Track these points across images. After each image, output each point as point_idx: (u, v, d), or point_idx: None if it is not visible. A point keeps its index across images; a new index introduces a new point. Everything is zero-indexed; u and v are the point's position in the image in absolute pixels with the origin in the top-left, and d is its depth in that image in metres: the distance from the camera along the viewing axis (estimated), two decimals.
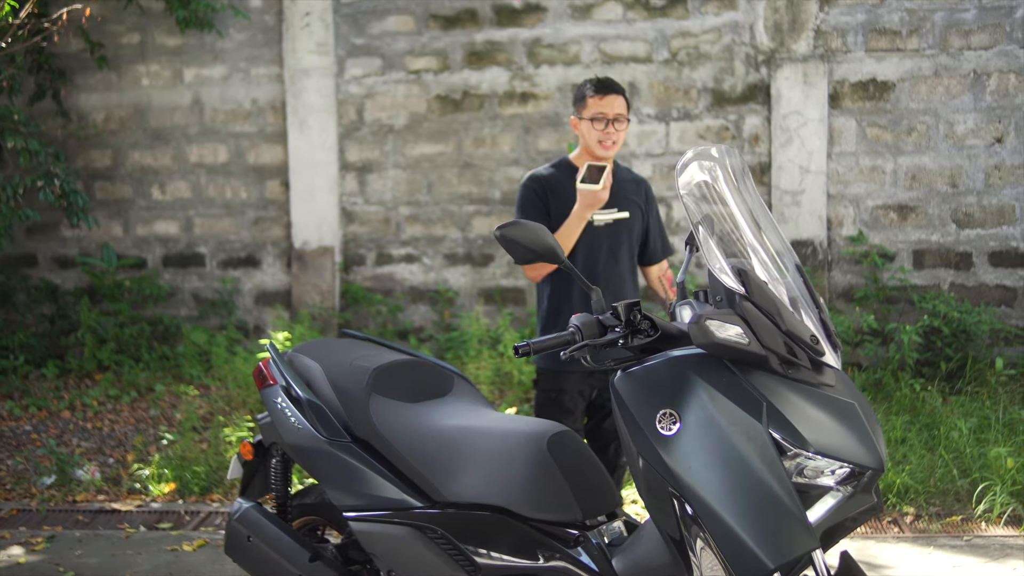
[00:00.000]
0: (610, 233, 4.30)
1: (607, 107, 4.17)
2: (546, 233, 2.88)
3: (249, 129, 8.68)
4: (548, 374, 4.32)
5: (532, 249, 2.87)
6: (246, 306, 8.81)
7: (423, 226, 8.49)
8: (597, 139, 4.18)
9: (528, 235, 2.87)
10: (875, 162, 7.79)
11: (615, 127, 4.18)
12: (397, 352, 3.76)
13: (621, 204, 4.28)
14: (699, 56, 7.99)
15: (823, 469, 2.49)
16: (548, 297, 4.35)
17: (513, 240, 2.86)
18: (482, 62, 8.29)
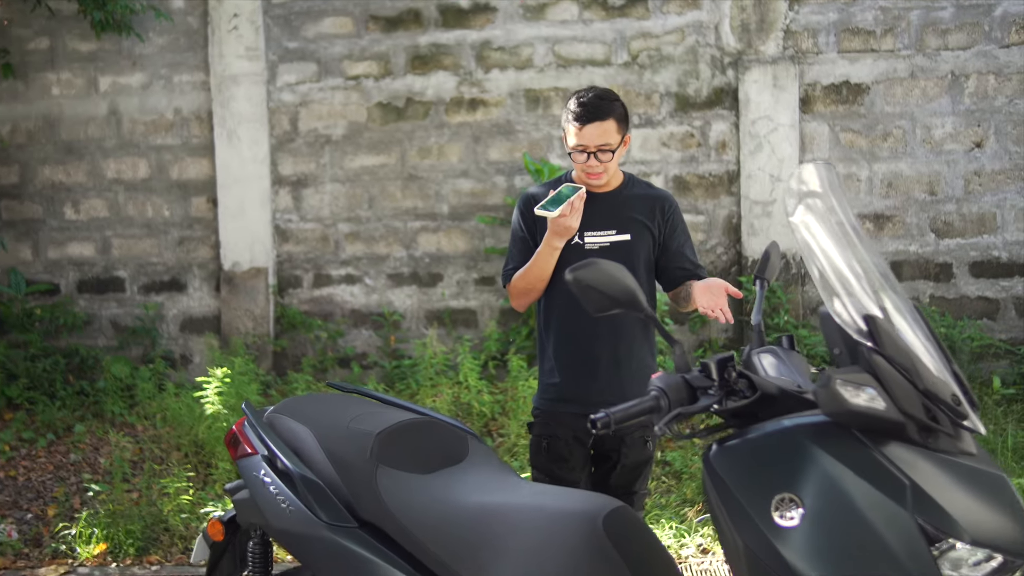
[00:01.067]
0: (607, 257, 3.83)
1: (587, 138, 3.73)
2: (626, 275, 2.49)
3: (172, 141, 8.25)
4: (541, 416, 3.95)
5: (611, 295, 2.47)
6: (171, 334, 8.34)
7: (364, 244, 8.11)
8: (582, 169, 3.80)
9: (605, 278, 2.47)
10: (849, 169, 7.60)
11: (599, 159, 3.75)
12: (397, 408, 3.34)
13: (622, 224, 3.86)
14: (661, 58, 7.72)
15: (966, 559, 2.11)
16: (545, 314, 3.97)
17: (588, 285, 2.47)
18: (427, 67, 7.95)
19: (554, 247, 3.70)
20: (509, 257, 3.95)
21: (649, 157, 7.72)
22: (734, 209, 7.68)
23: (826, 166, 2.60)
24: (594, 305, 2.49)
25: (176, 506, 5.83)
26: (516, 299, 3.93)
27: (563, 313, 3.85)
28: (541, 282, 3.81)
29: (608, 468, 3.94)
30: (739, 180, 7.65)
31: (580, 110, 3.74)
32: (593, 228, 3.80)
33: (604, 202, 3.84)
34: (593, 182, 3.78)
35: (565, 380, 3.88)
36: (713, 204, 7.69)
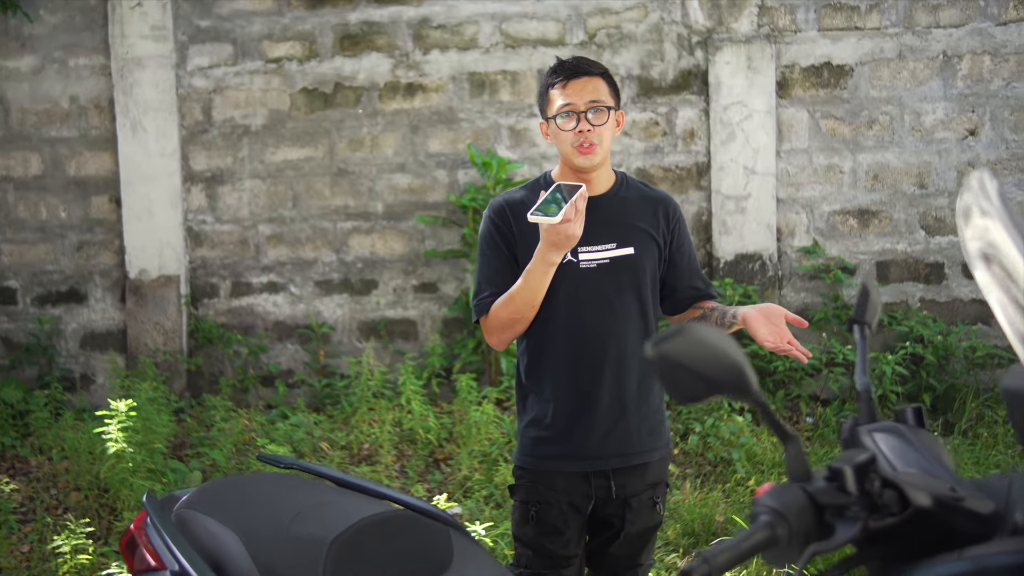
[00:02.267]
0: (606, 278, 3.31)
1: (575, 95, 3.19)
2: (731, 346, 1.79)
3: (68, 134, 7.58)
4: (527, 477, 3.36)
5: (710, 378, 1.77)
6: (70, 351, 7.67)
7: (289, 247, 7.52)
8: (570, 143, 3.20)
9: (703, 352, 1.76)
10: (831, 160, 7.19)
11: (592, 120, 3.18)
12: (354, 495, 2.73)
13: (623, 235, 3.30)
14: (622, 38, 7.23)
15: None
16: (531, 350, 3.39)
17: (679, 364, 1.77)
18: (358, 48, 7.38)
19: (550, 263, 3.10)
20: (482, 282, 3.34)
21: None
22: (704, 205, 7.23)
23: (993, 176, 1.97)
24: (685, 392, 1.83)
25: (74, 567, 5.14)
26: (497, 334, 3.31)
27: (555, 347, 3.30)
28: (532, 309, 3.21)
29: (609, 537, 3.40)
30: (709, 173, 7.21)
31: (563, 67, 3.28)
32: (588, 241, 3.22)
33: (598, 207, 3.24)
34: (585, 160, 3.21)
35: (559, 432, 3.30)
36: (681, 199, 7.20)
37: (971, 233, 1.93)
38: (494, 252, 3.32)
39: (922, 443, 1.93)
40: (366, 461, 6.43)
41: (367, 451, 6.55)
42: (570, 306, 3.26)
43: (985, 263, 1.91)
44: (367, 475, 6.11)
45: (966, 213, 1.95)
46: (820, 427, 6.59)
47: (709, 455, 6.25)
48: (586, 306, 3.27)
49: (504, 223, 3.30)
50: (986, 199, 1.93)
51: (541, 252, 3.08)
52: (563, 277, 3.21)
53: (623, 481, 3.29)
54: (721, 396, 1.77)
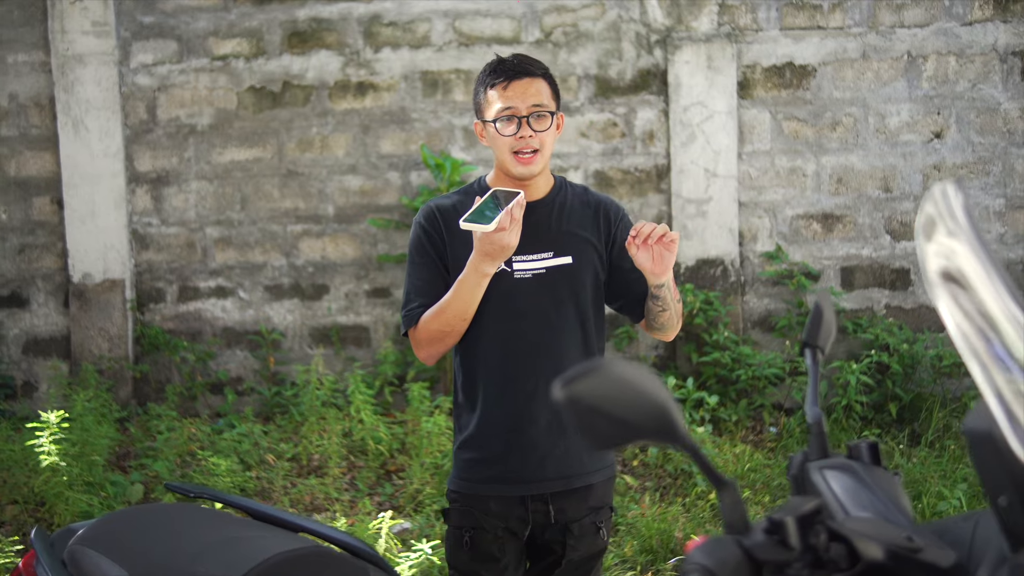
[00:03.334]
0: (542, 289, 3.17)
1: (517, 98, 3.04)
2: (656, 386, 1.62)
3: (7, 132, 7.46)
4: (460, 501, 3.23)
5: (631, 423, 1.60)
6: (12, 357, 7.55)
7: (237, 251, 7.42)
8: (509, 149, 3.06)
9: (622, 395, 1.59)
10: (794, 163, 7.12)
11: (533, 127, 3.04)
12: (265, 529, 2.58)
13: (560, 244, 3.17)
14: (579, 36, 7.13)
15: None
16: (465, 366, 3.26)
17: (593, 409, 1.60)
18: (307, 45, 7.27)
19: (483, 274, 2.98)
20: (411, 292, 3.20)
21: (565, 149, 7.09)
22: (664, 208, 7.15)
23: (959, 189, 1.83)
24: (602, 438, 1.65)
25: None
26: (426, 347, 3.18)
27: (489, 363, 3.16)
28: (463, 322, 3.09)
29: (549, 564, 3.25)
30: (669, 175, 7.12)
31: (503, 66, 3.11)
32: (523, 250, 3.09)
33: (534, 214, 3.12)
34: (524, 169, 3.07)
35: (494, 453, 3.16)
36: (640, 203, 7.12)
37: (934, 250, 1.80)
38: (423, 260, 3.18)
39: (877, 483, 1.83)
40: (315, 473, 6.34)
41: (316, 463, 6.45)
42: (504, 319, 3.14)
43: (947, 285, 1.79)
44: (315, 488, 6.02)
45: (928, 228, 1.82)
46: (784, 437, 6.52)
47: (669, 467, 6.17)
48: (521, 319, 3.14)
49: (434, 229, 3.17)
50: (952, 218, 1.80)
51: (474, 262, 2.97)
52: (496, 288, 3.08)
53: (562, 505, 3.16)
54: (645, 442, 1.66)
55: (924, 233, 1.79)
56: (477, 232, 2.88)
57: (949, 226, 1.76)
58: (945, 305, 1.72)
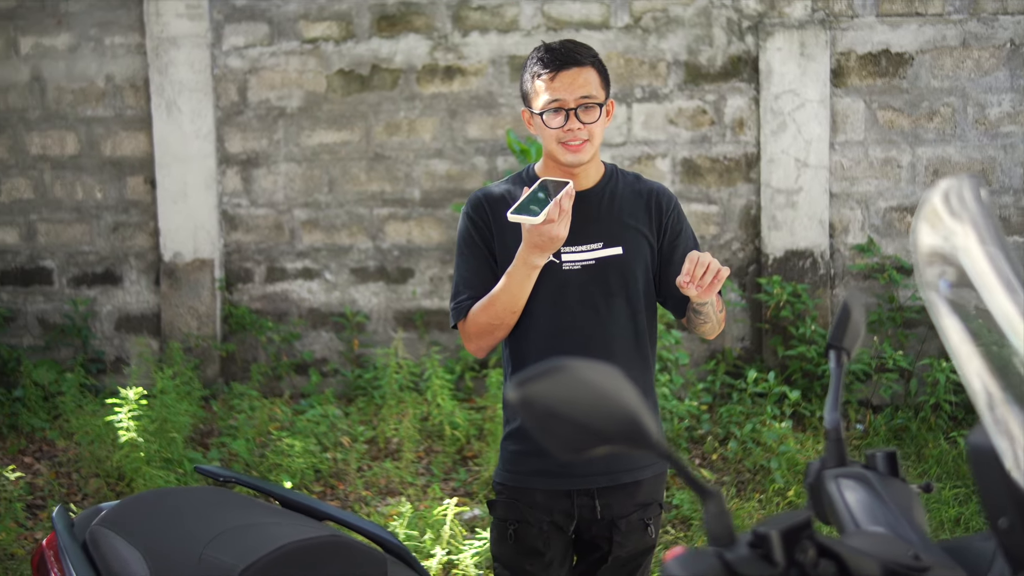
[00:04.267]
0: (591, 280, 3.11)
1: (564, 89, 2.99)
2: (622, 386, 1.53)
3: (104, 113, 7.64)
4: (506, 493, 3.19)
5: (595, 429, 1.51)
6: (105, 333, 7.74)
7: (324, 233, 7.50)
8: (556, 139, 3.02)
9: (585, 397, 1.50)
10: (888, 153, 6.96)
11: (581, 119, 3.00)
12: (289, 517, 2.59)
13: (610, 234, 3.11)
14: (669, 21, 7.07)
15: None
16: (514, 358, 3.21)
17: (552, 414, 1.51)
18: (396, 28, 7.31)
19: (533, 266, 2.94)
20: (460, 284, 3.17)
21: (653, 136, 7.03)
22: (753, 198, 7.06)
23: (977, 185, 1.75)
24: (563, 444, 1.55)
25: None
26: (475, 340, 3.13)
27: (537, 356, 3.08)
28: (512, 315, 3.05)
29: (596, 560, 3.20)
30: (759, 164, 7.03)
31: (549, 55, 3.04)
32: (572, 241, 3.05)
33: (584, 204, 3.08)
34: (573, 158, 3.02)
35: (540, 446, 3.06)
36: (728, 192, 7.02)
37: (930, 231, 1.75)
38: (472, 251, 3.15)
39: (892, 495, 1.76)
40: (391, 456, 6.40)
41: (394, 446, 6.51)
42: (553, 311, 3.09)
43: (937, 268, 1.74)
44: (390, 471, 6.08)
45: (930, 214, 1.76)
46: (870, 435, 6.40)
47: (748, 463, 6.10)
48: (570, 311, 3.10)
49: (482, 220, 3.13)
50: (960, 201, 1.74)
51: (523, 254, 2.92)
52: (545, 280, 3.04)
53: (609, 500, 3.11)
54: (614, 448, 1.55)
55: (925, 219, 1.73)
56: (525, 224, 2.84)
57: (954, 208, 1.69)
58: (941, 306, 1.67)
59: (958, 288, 1.69)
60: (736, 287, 7.01)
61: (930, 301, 1.69)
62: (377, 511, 5.66)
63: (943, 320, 1.66)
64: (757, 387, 6.40)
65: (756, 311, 6.98)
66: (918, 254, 1.74)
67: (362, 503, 5.86)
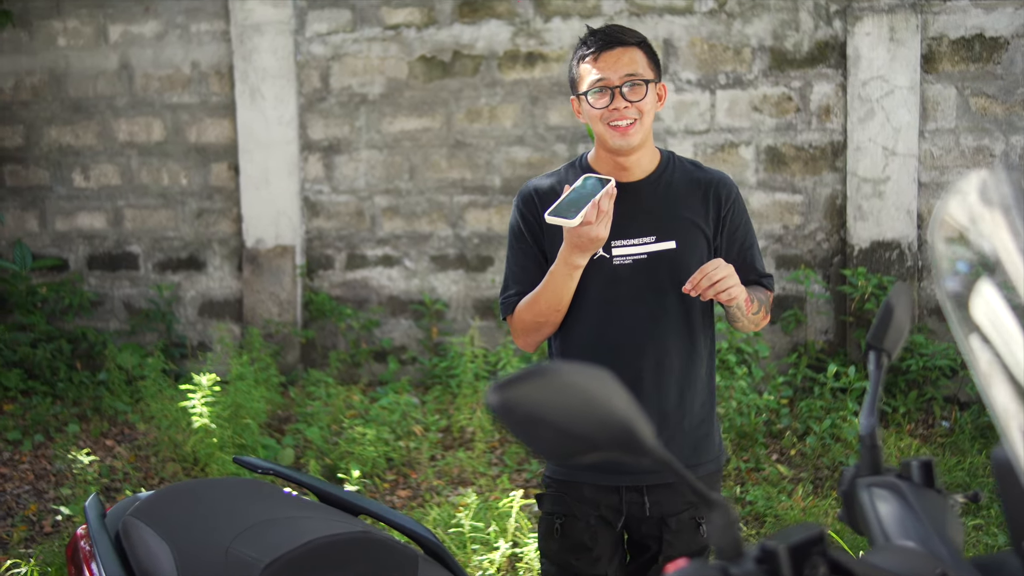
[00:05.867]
0: (642, 276, 3.02)
1: (609, 68, 2.92)
2: (613, 390, 1.44)
3: (189, 100, 7.78)
4: (554, 487, 3.13)
5: (579, 435, 1.44)
6: (188, 318, 7.87)
7: (404, 220, 7.53)
8: (603, 121, 2.94)
9: (568, 400, 1.42)
10: (981, 141, 6.76)
11: (628, 97, 2.91)
12: (322, 512, 2.55)
13: (664, 227, 3.01)
14: (754, 6, 6.96)
15: None
16: (561, 353, 3.15)
17: (535, 419, 1.43)
18: (477, 14, 7.32)
19: (574, 266, 2.88)
20: (509, 279, 3.13)
21: (737, 124, 6.93)
22: (838, 188, 6.92)
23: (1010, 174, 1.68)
24: (550, 450, 1.48)
25: None
26: (523, 336, 3.10)
27: (586, 352, 3.03)
28: (557, 313, 3.00)
29: (647, 560, 3.13)
30: (845, 153, 6.89)
31: (594, 37, 2.99)
32: (623, 234, 2.98)
33: (636, 195, 3.01)
34: (621, 142, 2.93)
35: None
36: (813, 181, 6.88)
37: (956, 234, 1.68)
38: (520, 246, 3.09)
39: (925, 507, 1.68)
40: (464, 446, 6.40)
41: (468, 436, 6.51)
42: (602, 307, 3.01)
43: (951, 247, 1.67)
44: (463, 461, 6.08)
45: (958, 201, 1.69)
46: (956, 433, 6.24)
47: (826, 460, 5.99)
48: (620, 307, 3.01)
49: (531, 213, 3.05)
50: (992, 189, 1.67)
51: (564, 254, 2.86)
52: (595, 274, 2.97)
53: (659, 498, 3.03)
54: (605, 455, 1.46)
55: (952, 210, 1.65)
56: (558, 225, 2.78)
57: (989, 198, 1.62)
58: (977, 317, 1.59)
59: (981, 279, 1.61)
60: (820, 279, 6.89)
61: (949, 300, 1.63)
62: (448, 500, 5.67)
63: (962, 328, 1.60)
64: (838, 382, 6.29)
65: (840, 303, 6.85)
66: (938, 248, 1.67)
67: (433, 492, 5.88)
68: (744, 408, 6.20)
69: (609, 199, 2.78)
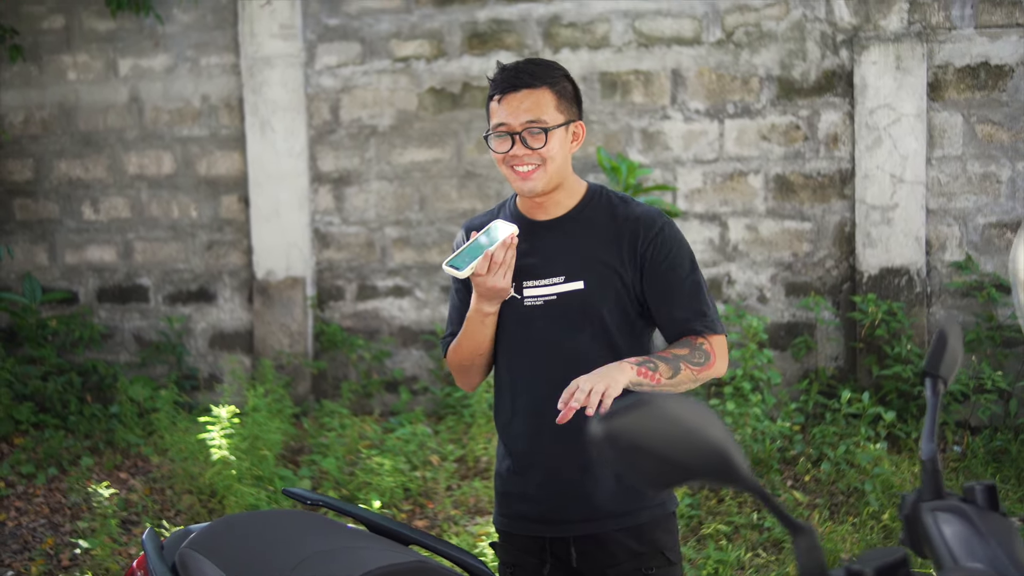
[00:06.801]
0: (552, 317, 2.91)
1: (510, 113, 2.80)
2: (711, 420, 1.51)
3: (199, 132, 7.83)
4: (501, 536, 3.09)
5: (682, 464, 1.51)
6: (199, 350, 7.91)
7: (415, 251, 7.59)
8: (504, 164, 2.87)
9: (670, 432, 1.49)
10: (987, 168, 6.84)
11: (528, 144, 2.80)
12: (375, 542, 2.58)
13: (573, 267, 2.89)
14: (761, 36, 7.04)
15: None
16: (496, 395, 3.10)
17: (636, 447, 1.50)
18: (486, 46, 7.40)
19: (484, 312, 2.86)
20: (448, 320, 3.14)
21: (746, 153, 7.01)
22: (847, 215, 6.99)
23: None
24: (649, 479, 1.54)
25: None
26: (457, 377, 3.09)
27: (506, 394, 3.00)
28: (480, 357, 2.97)
29: None
30: (853, 181, 6.96)
31: (500, 76, 2.87)
32: (533, 275, 2.90)
33: (548, 235, 2.93)
34: (522, 186, 2.84)
35: (521, 492, 2.99)
36: (822, 209, 6.96)
37: None
38: (456, 287, 3.09)
39: (992, 530, 1.70)
40: (480, 476, 6.44)
41: (483, 465, 6.55)
42: (515, 349, 2.95)
43: None
44: (479, 490, 6.12)
45: None
46: (968, 458, 6.30)
47: (841, 485, 6.04)
48: (532, 349, 2.92)
49: None
50: None
51: (474, 300, 2.86)
52: (510, 315, 2.91)
53: (585, 549, 2.92)
54: (700, 483, 1.55)
55: None
56: (450, 274, 2.79)
57: None
58: None
59: None
60: (830, 305, 6.96)
61: None
62: (466, 530, 5.71)
63: None
64: (851, 407, 6.35)
65: (850, 330, 6.93)
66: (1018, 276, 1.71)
67: (451, 522, 5.92)
68: (759, 435, 6.25)
69: (505, 249, 2.74)
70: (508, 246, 2.74)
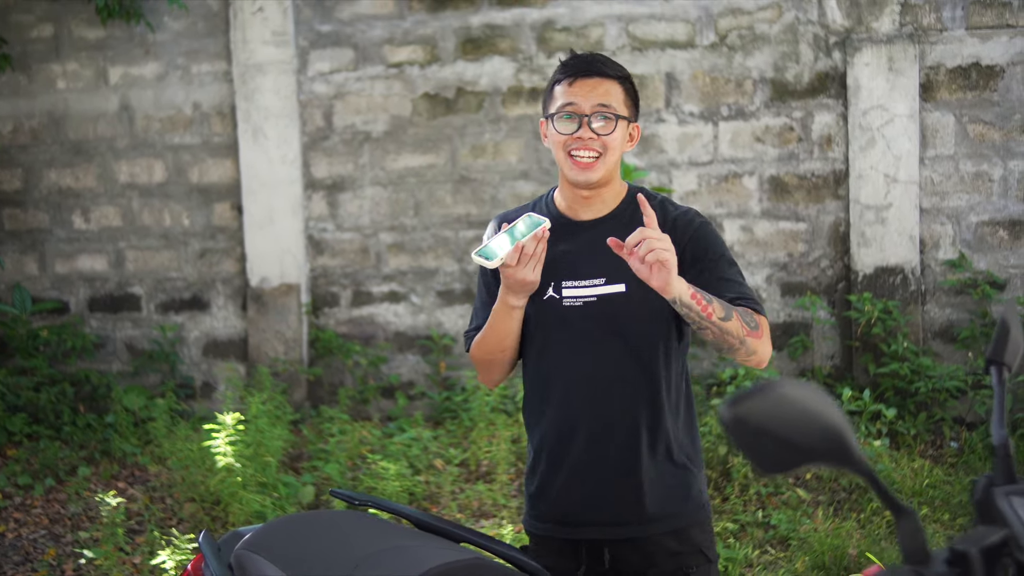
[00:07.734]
0: (592, 319, 2.87)
1: (581, 95, 2.79)
2: (828, 405, 1.57)
3: (191, 140, 7.83)
4: (532, 541, 3.04)
5: (799, 446, 1.57)
6: (192, 358, 7.90)
7: (410, 256, 7.62)
8: (564, 148, 2.82)
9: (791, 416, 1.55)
10: (980, 167, 6.94)
11: (595, 129, 2.78)
12: (430, 539, 2.60)
13: (614, 269, 2.80)
14: (755, 39, 7.13)
15: None
16: (526, 394, 3.06)
17: (760, 430, 1.57)
18: (480, 51, 7.44)
19: (511, 306, 2.81)
20: (473, 314, 3.09)
21: (740, 155, 7.08)
22: (841, 215, 7.08)
23: None
24: (769, 462, 1.61)
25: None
26: (480, 372, 3.06)
27: (539, 394, 2.97)
28: (502, 352, 2.93)
29: None
30: (847, 181, 7.05)
31: (573, 61, 2.87)
32: (574, 275, 2.86)
33: (590, 234, 2.89)
34: (580, 176, 2.81)
35: (554, 494, 2.95)
36: (816, 209, 7.05)
37: None
38: (483, 280, 3.06)
39: None
40: (483, 479, 6.47)
41: (485, 468, 6.58)
42: (553, 350, 2.91)
43: None
44: (483, 493, 6.15)
45: None
46: (965, 453, 6.39)
47: (843, 481, 6.11)
48: (567, 350, 2.88)
49: None
50: None
51: (501, 293, 2.80)
52: (547, 316, 2.87)
53: (618, 553, 2.90)
54: (816, 465, 1.60)
55: None
56: (484, 266, 2.72)
57: None
58: None
59: None
60: (825, 305, 7.04)
61: None
62: None
63: None
64: (851, 405, 6.42)
65: (846, 329, 7.00)
66: None
67: None
68: None
69: (536, 242, 2.70)
70: (539, 239, 2.70)
